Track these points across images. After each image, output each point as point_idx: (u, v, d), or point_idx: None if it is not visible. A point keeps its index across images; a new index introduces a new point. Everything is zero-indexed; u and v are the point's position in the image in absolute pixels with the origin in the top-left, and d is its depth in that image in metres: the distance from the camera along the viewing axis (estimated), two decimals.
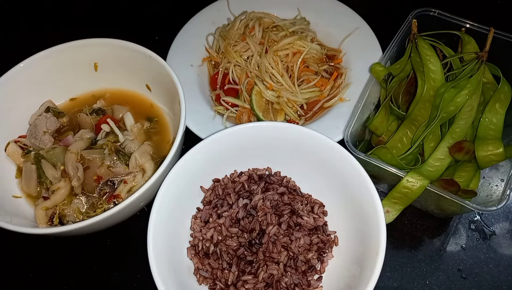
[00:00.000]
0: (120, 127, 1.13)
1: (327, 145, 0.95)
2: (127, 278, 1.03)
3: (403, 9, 1.17)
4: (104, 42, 1.12)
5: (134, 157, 1.05)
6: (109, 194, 1.03)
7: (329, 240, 0.95)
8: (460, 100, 0.97)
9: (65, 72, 1.15)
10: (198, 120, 1.16)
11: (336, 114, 1.17)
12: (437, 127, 0.98)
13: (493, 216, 1.08)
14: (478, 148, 0.93)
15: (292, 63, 1.23)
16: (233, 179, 1.01)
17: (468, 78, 0.99)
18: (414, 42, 1.07)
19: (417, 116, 0.99)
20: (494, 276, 1.00)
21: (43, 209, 1.00)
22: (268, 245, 0.90)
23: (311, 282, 0.90)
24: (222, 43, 1.30)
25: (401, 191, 0.92)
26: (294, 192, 0.99)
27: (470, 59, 1.03)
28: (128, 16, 1.56)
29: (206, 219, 0.95)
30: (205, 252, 0.92)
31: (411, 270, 1.01)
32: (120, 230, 1.02)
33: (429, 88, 1.00)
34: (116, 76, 1.19)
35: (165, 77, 1.06)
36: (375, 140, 1.08)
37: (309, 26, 1.35)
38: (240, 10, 1.37)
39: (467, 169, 0.97)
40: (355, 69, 1.25)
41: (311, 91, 1.22)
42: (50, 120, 1.11)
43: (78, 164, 1.04)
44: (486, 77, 1.03)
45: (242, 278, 0.88)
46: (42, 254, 1.07)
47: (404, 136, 0.99)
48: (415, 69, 1.04)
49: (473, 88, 0.97)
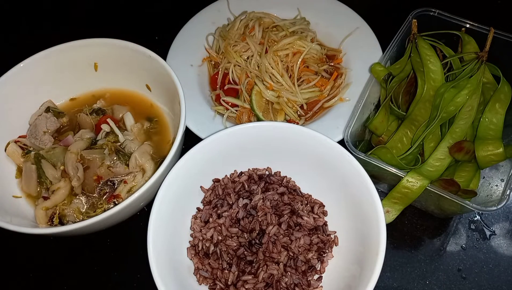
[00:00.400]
0: (120, 127, 1.13)
1: (327, 145, 0.95)
2: (127, 278, 1.03)
3: (403, 9, 1.17)
4: (104, 42, 1.12)
5: (134, 157, 1.05)
6: (109, 194, 1.03)
7: (329, 240, 0.95)
8: (460, 100, 0.97)
9: (65, 72, 1.15)
10: (198, 120, 1.16)
11: (336, 114, 1.17)
12: (437, 127, 0.98)
13: (493, 216, 1.08)
14: (478, 148, 0.93)
15: (292, 63, 1.23)
16: (233, 179, 1.01)
17: (468, 78, 0.99)
18: (414, 42, 1.07)
19: (417, 116, 0.99)
20: (494, 276, 1.00)
21: (43, 209, 1.00)
22: (268, 245, 0.90)
23: (311, 282, 0.90)
24: (222, 43, 1.30)
25: (401, 191, 0.92)
26: (294, 192, 0.99)
27: (470, 59, 1.03)
28: (128, 16, 1.56)
29: (206, 219, 0.95)
30: (205, 252, 0.92)
31: (411, 270, 1.01)
32: (120, 230, 1.02)
33: (429, 88, 1.00)
34: (116, 76, 1.19)
35: (165, 77, 1.06)
36: (375, 140, 1.08)
37: (309, 26, 1.35)
38: (240, 10, 1.37)
39: (467, 169, 0.97)
40: (355, 69, 1.25)
41: (311, 91, 1.22)
42: (50, 120, 1.11)
43: (78, 164, 1.04)
44: (486, 77, 1.03)
45: (242, 278, 0.88)
46: (42, 254, 1.07)
47: (404, 136, 0.99)
48: (415, 69, 1.04)
49: (473, 88, 0.97)
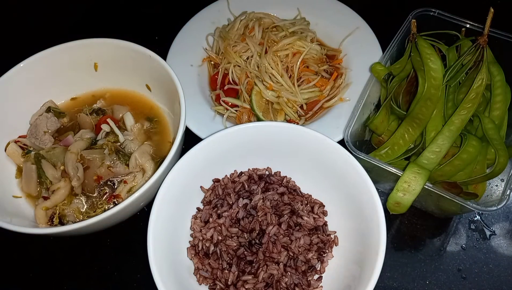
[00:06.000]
0: (120, 127, 1.13)
1: (327, 145, 0.95)
2: (127, 278, 1.03)
3: (403, 9, 1.17)
4: (104, 42, 1.12)
5: (134, 157, 1.05)
6: (109, 194, 1.03)
7: (329, 240, 0.95)
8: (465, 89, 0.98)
9: (65, 72, 1.15)
10: (198, 120, 1.16)
11: (336, 114, 1.17)
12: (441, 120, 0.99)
13: (493, 216, 1.08)
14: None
15: (292, 64, 1.22)
16: (233, 179, 1.01)
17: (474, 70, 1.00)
18: (414, 42, 1.07)
19: (418, 114, 0.99)
20: (494, 276, 1.00)
21: (43, 209, 1.00)
22: (268, 245, 0.90)
23: (311, 282, 0.90)
24: (221, 43, 1.30)
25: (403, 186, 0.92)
26: (294, 192, 0.99)
27: (468, 47, 1.03)
28: (128, 16, 1.56)
29: (206, 219, 0.95)
30: (205, 252, 0.92)
31: (411, 270, 1.01)
32: (120, 230, 1.02)
33: (429, 86, 1.00)
34: (116, 76, 1.19)
35: (165, 77, 1.06)
36: (375, 140, 1.08)
37: (309, 26, 1.35)
38: (240, 10, 1.37)
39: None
40: (355, 69, 1.25)
41: (311, 91, 1.22)
42: (50, 120, 1.11)
43: (78, 164, 1.04)
44: (487, 78, 1.03)
45: (242, 278, 0.88)
46: (42, 254, 1.07)
47: (406, 133, 0.99)
48: (416, 68, 1.04)
49: (485, 73, 0.97)
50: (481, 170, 0.96)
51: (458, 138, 0.97)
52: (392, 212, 0.92)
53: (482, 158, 0.96)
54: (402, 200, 0.89)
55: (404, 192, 0.89)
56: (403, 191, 0.89)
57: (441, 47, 1.09)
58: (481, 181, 0.97)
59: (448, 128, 0.95)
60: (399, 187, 0.89)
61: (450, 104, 1.01)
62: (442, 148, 0.94)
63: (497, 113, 1.00)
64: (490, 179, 0.96)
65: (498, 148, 0.92)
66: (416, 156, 0.97)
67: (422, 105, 0.99)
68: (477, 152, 0.94)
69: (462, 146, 0.94)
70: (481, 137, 0.96)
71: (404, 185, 0.89)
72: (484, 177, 0.94)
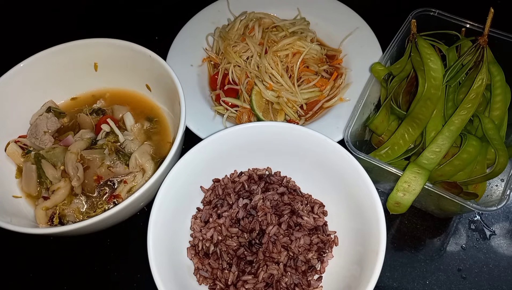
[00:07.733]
0: (120, 127, 1.13)
1: (327, 145, 0.95)
2: (127, 278, 1.03)
3: (403, 9, 1.17)
4: (104, 42, 1.12)
5: (134, 157, 1.05)
6: (109, 194, 1.03)
7: (329, 240, 0.95)
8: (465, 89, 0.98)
9: (65, 72, 1.15)
10: (198, 120, 1.16)
11: (336, 114, 1.17)
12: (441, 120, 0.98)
13: (493, 216, 1.08)
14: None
15: (292, 64, 1.23)
16: (233, 179, 1.01)
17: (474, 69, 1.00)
18: (414, 42, 1.07)
19: (418, 114, 0.99)
20: (494, 276, 1.00)
21: (43, 209, 1.00)
22: (268, 245, 0.90)
23: (311, 282, 0.90)
24: (221, 43, 1.30)
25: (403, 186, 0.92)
26: (294, 192, 0.99)
27: (468, 47, 1.03)
28: (128, 16, 1.56)
29: (206, 219, 0.95)
30: (205, 252, 0.92)
31: (411, 270, 1.01)
32: (120, 230, 1.02)
33: (429, 86, 1.00)
34: (116, 76, 1.19)
35: (165, 77, 1.06)
36: (375, 140, 1.08)
37: (309, 26, 1.35)
38: (240, 10, 1.37)
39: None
40: (355, 69, 1.25)
41: (311, 91, 1.22)
42: (51, 120, 1.11)
43: (78, 164, 1.04)
44: (487, 78, 1.03)
45: (242, 278, 0.88)
46: (42, 254, 1.07)
47: (406, 133, 0.99)
48: (416, 67, 1.04)
49: (484, 73, 0.97)
50: (481, 170, 0.96)
51: (458, 138, 0.97)
52: (392, 212, 0.92)
53: (482, 158, 0.95)
54: (402, 200, 0.89)
55: (404, 192, 0.89)
56: (403, 191, 0.89)
57: (441, 47, 1.09)
58: (481, 181, 0.96)
59: (448, 128, 0.95)
60: (399, 187, 0.89)
61: (450, 104, 1.01)
62: (442, 148, 0.94)
63: (497, 113, 1.00)
64: (490, 179, 0.96)
65: (498, 148, 0.92)
66: (416, 156, 0.97)
67: (422, 105, 0.99)
68: (477, 152, 0.93)
69: (462, 146, 0.94)
70: (481, 137, 0.96)
71: (404, 185, 0.89)
72: (484, 177, 0.94)
